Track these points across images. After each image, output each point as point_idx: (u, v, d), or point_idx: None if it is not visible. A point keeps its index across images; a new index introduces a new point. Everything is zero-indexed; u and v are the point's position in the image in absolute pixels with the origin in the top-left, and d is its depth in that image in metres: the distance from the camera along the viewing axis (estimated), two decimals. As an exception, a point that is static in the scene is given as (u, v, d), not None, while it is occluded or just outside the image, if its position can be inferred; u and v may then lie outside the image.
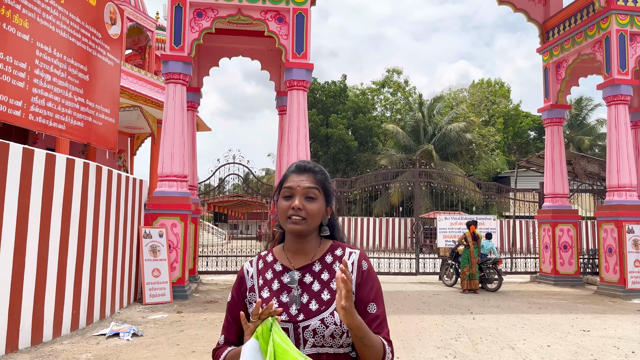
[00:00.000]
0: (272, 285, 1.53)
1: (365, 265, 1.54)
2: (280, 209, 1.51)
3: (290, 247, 1.57)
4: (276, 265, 1.57)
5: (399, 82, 40.66)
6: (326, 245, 1.58)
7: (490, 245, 12.07)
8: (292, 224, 1.49)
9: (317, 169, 1.57)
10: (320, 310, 1.45)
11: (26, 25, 6.05)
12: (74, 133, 6.96)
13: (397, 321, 7.64)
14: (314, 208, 1.50)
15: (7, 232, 5.39)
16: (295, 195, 1.50)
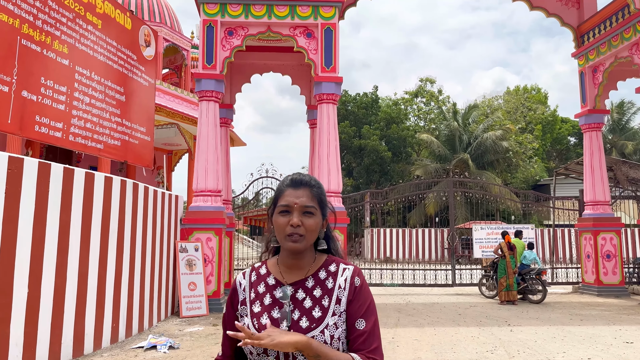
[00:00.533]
0: (264, 300, 1.51)
1: (358, 281, 1.52)
2: (277, 225, 1.48)
3: (284, 262, 1.54)
4: (269, 278, 1.55)
5: (432, 91, 40.35)
6: (320, 260, 1.56)
7: (533, 256, 11.73)
8: (291, 242, 1.46)
9: (313, 182, 1.55)
10: (311, 328, 1.43)
11: (65, 50, 6.34)
12: (112, 152, 7.22)
13: (431, 333, 7.55)
14: (313, 224, 1.48)
15: (50, 248, 5.63)
16: (293, 212, 1.47)
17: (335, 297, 1.49)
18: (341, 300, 1.48)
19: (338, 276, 1.52)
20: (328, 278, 1.52)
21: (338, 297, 1.49)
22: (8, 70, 5.47)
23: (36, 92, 5.86)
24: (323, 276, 1.52)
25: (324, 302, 1.47)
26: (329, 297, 1.49)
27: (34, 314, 5.43)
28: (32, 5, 5.87)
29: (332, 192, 9.80)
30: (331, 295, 1.49)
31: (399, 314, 9.39)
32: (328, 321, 1.45)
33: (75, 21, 6.54)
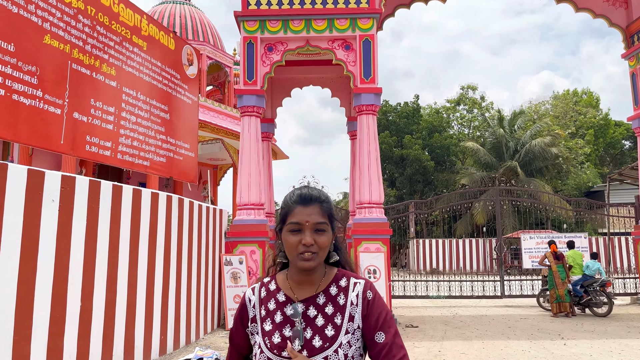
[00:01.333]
0: (275, 317, 1.46)
1: (371, 295, 1.47)
2: (288, 244, 1.43)
3: (294, 278, 1.50)
4: (279, 295, 1.50)
5: (474, 98, 39.63)
6: (331, 275, 1.52)
7: (597, 266, 11.13)
8: (304, 262, 1.42)
9: (322, 197, 1.49)
10: (324, 348, 1.39)
11: (113, 72, 6.62)
12: (157, 168, 7.45)
13: (479, 347, 7.34)
14: (325, 241, 1.44)
15: (100, 262, 5.85)
16: (305, 231, 1.42)
17: (347, 314, 1.45)
18: (354, 317, 1.45)
19: (349, 292, 1.48)
20: (339, 294, 1.48)
21: (351, 314, 1.45)
22: (60, 93, 5.75)
23: (86, 113, 6.13)
24: (334, 292, 1.48)
25: (337, 320, 1.44)
26: (342, 314, 1.45)
27: (87, 326, 5.63)
28: (82, 31, 6.16)
29: (374, 203, 9.74)
30: (343, 313, 1.45)
31: (446, 327, 9.19)
32: (341, 340, 1.41)
33: (122, 44, 6.82)
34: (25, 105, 5.29)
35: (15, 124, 5.15)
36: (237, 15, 10.12)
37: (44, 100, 5.51)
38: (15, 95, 5.17)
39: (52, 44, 5.69)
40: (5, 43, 5.10)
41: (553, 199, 22.96)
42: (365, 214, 9.74)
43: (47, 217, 5.20)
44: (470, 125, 40.07)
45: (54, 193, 5.29)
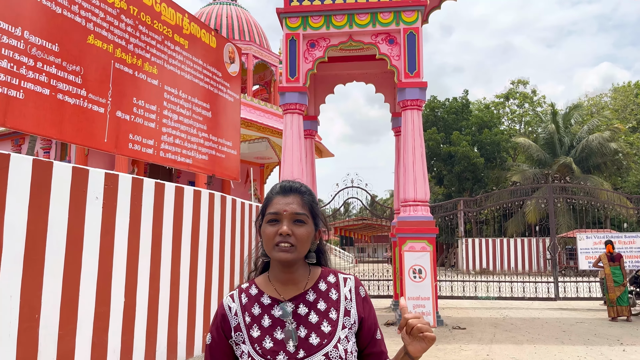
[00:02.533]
0: (263, 322, 1.38)
1: (363, 292, 1.46)
2: (265, 235, 1.37)
3: (278, 277, 1.42)
4: (263, 298, 1.42)
5: (526, 92, 38.21)
6: (316, 273, 1.46)
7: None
8: (280, 252, 1.34)
9: (303, 189, 1.44)
10: (323, 344, 1.33)
11: (155, 71, 6.68)
12: (200, 166, 7.49)
13: (531, 351, 6.98)
14: (304, 233, 1.37)
15: (144, 259, 5.91)
16: (282, 220, 1.36)
17: (342, 309, 1.41)
18: (350, 312, 1.41)
19: (341, 287, 1.44)
20: (330, 289, 1.43)
21: (346, 309, 1.41)
22: (103, 92, 5.84)
23: (129, 112, 6.21)
24: (324, 288, 1.43)
25: (332, 315, 1.39)
26: (336, 309, 1.40)
27: (130, 322, 5.71)
28: (124, 31, 6.24)
29: (419, 200, 9.48)
30: (338, 308, 1.41)
31: (495, 329, 8.82)
32: (339, 335, 1.36)
33: (163, 43, 6.88)
34: (70, 105, 5.40)
35: (60, 122, 5.26)
36: (279, 12, 10.09)
37: (87, 99, 5.61)
38: (60, 95, 5.28)
39: (95, 44, 5.78)
40: (49, 43, 5.22)
41: (612, 196, 21.77)
42: (410, 212, 9.49)
43: (91, 214, 5.28)
44: (521, 121, 38.70)
45: (98, 190, 5.37)
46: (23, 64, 4.88)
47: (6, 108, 4.71)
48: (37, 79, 5.02)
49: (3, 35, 4.73)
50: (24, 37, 4.93)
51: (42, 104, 5.06)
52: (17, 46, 4.85)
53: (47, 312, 4.78)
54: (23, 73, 4.88)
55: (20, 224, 4.57)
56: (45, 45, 5.14)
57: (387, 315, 10.42)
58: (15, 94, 4.80)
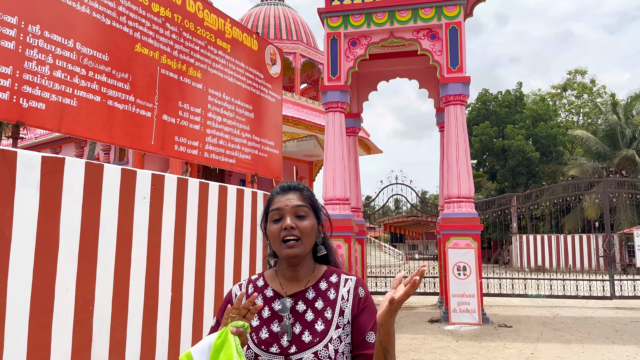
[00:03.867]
0: (262, 313, 1.44)
1: (362, 292, 1.45)
2: (271, 233, 1.43)
3: (283, 273, 1.48)
4: (267, 290, 1.47)
5: (584, 82, 36.55)
6: (320, 271, 1.49)
7: None
8: (287, 248, 1.40)
9: (302, 186, 1.51)
10: (314, 343, 1.36)
11: (199, 75, 6.98)
12: (243, 165, 7.75)
13: (578, 350, 6.81)
14: (307, 225, 1.42)
15: (189, 255, 6.20)
16: (285, 215, 1.42)
17: (338, 308, 1.42)
18: (344, 312, 1.41)
19: (340, 287, 1.45)
20: (329, 289, 1.45)
21: (341, 308, 1.42)
22: (150, 97, 6.17)
23: (174, 115, 6.52)
24: (324, 287, 1.46)
25: (327, 315, 1.40)
26: (332, 309, 1.41)
27: (177, 315, 6.01)
28: (169, 38, 6.56)
29: (463, 197, 9.38)
30: (334, 307, 1.42)
31: (543, 328, 8.62)
32: (332, 335, 1.38)
33: (207, 48, 7.16)
34: (119, 110, 5.74)
35: (111, 127, 5.61)
36: (320, 12, 10.22)
37: (135, 105, 5.94)
38: (110, 101, 5.63)
39: (142, 52, 6.11)
40: (100, 53, 5.57)
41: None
42: (454, 209, 9.41)
43: (139, 212, 5.60)
44: (579, 112, 37.09)
45: (145, 190, 5.69)
46: (76, 74, 5.25)
47: (61, 115, 5.09)
48: (89, 87, 5.38)
49: (57, 47, 5.10)
50: (76, 48, 5.29)
51: (94, 110, 5.42)
52: (70, 57, 5.22)
53: (100, 305, 5.13)
54: (76, 82, 5.25)
55: (74, 222, 4.92)
56: (96, 55, 5.50)
57: (432, 312, 10.38)
58: (69, 102, 5.17)
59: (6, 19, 4.66)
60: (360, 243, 11.33)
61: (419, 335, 8.07)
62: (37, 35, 4.90)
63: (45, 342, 4.60)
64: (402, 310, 10.99)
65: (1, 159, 4.35)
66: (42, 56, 4.93)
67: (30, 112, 4.82)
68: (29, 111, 4.81)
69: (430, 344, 7.40)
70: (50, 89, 4.98)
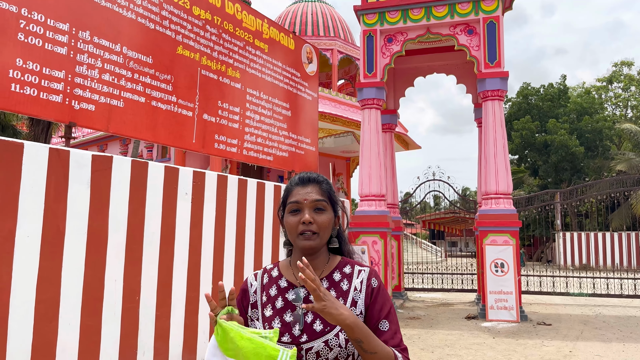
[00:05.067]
0: (276, 303, 1.45)
1: (375, 283, 1.46)
2: (288, 225, 1.45)
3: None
4: (281, 281, 1.49)
5: (631, 74, 35.12)
6: (334, 262, 1.50)
7: None
8: (304, 241, 1.41)
9: (321, 178, 1.50)
10: (325, 332, 1.37)
11: (237, 75, 7.20)
12: (280, 162, 7.93)
13: (618, 349, 6.69)
14: (325, 220, 1.43)
15: (229, 249, 6.44)
16: (304, 209, 1.42)
17: (350, 299, 1.43)
18: (357, 303, 1.43)
19: (353, 278, 1.47)
20: (343, 280, 1.46)
21: (354, 299, 1.43)
22: (191, 98, 6.42)
23: (214, 114, 6.75)
24: (337, 278, 1.47)
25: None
26: (344, 299, 1.43)
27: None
28: (209, 40, 6.79)
29: (501, 193, 9.29)
30: (346, 298, 1.43)
31: (584, 327, 8.47)
32: None
33: (245, 49, 7.37)
34: (162, 110, 6.01)
35: (154, 127, 5.89)
36: (356, 10, 10.29)
37: (177, 105, 6.20)
38: (153, 102, 5.91)
39: (184, 54, 6.36)
40: (144, 56, 5.85)
41: None
42: (492, 205, 9.34)
43: (182, 208, 5.87)
44: (627, 105, 35.69)
45: (187, 187, 5.95)
46: (122, 77, 5.54)
47: (109, 116, 5.38)
48: (135, 89, 5.66)
49: (105, 51, 5.40)
50: (123, 52, 5.58)
51: (139, 111, 5.70)
52: (118, 61, 5.51)
53: (145, 295, 5.41)
54: (123, 84, 5.53)
55: (122, 217, 5.21)
56: (141, 58, 5.78)
57: (469, 310, 10.34)
58: (116, 103, 5.46)
59: (59, 26, 4.97)
60: (396, 239, 11.37)
61: (455, 332, 8.08)
62: (87, 41, 5.20)
63: (95, 328, 4.91)
64: (438, 307, 10.99)
65: (55, 157, 4.66)
66: (92, 60, 5.23)
67: (81, 113, 5.13)
68: (80, 113, 5.12)
69: (466, 340, 7.41)
70: (99, 91, 5.28)
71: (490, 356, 6.38)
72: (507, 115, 33.49)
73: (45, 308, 4.53)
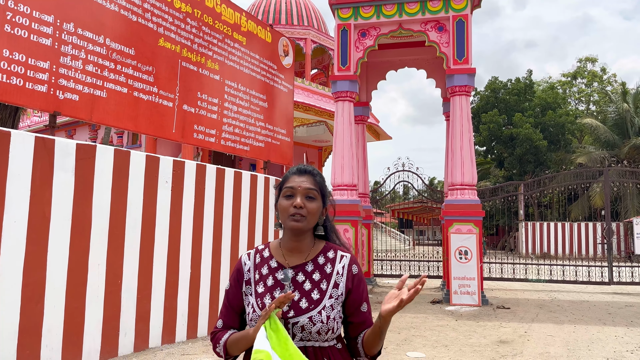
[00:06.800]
0: (267, 281, 1.63)
1: (356, 269, 1.66)
2: (281, 207, 1.63)
3: (286, 245, 1.67)
4: (272, 261, 1.67)
5: (594, 71, 36.44)
6: (319, 246, 1.69)
7: None
8: (293, 221, 1.59)
9: (315, 172, 1.69)
10: (309, 309, 1.57)
11: (216, 67, 7.39)
12: (256, 152, 8.18)
13: (569, 330, 7.24)
14: (314, 207, 1.62)
15: (207, 236, 6.69)
16: (297, 195, 1.61)
17: (333, 281, 1.63)
18: (339, 285, 1.63)
19: (336, 263, 1.66)
20: (326, 264, 1.66)
21: (336, 282, 1.63)
22: (172, 88, 6.61)
23: (194, 105, 6.95)
24: (322, 261, 1.66)
25: (322, 286, 1.62)
26: (327, 281, 1.63)
27: (196, 290, 6.52)
28: (189, 32, 6.97)
29: (466, 184, 9.77)
30: (329, 280, 1.63)
31: (539, 310, 9.06)
32: (325, 303, 1.59)
33: (224, 41, 7.56)
34: (144, 101, 6.19)
35: (136, 117, 6.06)
36: (331, 4, 10.54)
37: (158, 95, 6.38)
38: (135, 93, 6.08)
39: (165, 46, 6.53)
40: (127, 48, 6.00)
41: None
42: (457, 196, 9.81)
43: (162, 196, 6.09)
44: (589, 101, 37.05)
45: (168, 175, 6.17)
46: (105, 67, 5.69)
47: (92, 106, 5.54)
48: (117, 80, 5.82)
49: (89, 43, 5.54)
50: (106, 43, 5.73)
51: (121, 101, 5.87)
52: (101, 52, 5.66)
53: (127, 279, 5.64)
54: (105, 75, 5.69)
55: (105, 203, 5.41)
56: (123, 50, 5.93)
57: (435, 294, 10.84)
58: (99, 94, 5.62)
59: (44, 17, 5.11)
60: (367, 227, 11.79)
61: (421, 315, 8.55)
62: (71, 32, 5.34)
63: (79, 310, 5.14)
64: (406, 292, 11.45)
65: (41, 146, 4.84)
66: (76, 51, 5.39)
67: (65, 103, 5.29)
68: (64, 102, 5.28)
69: (431, 323, 7.87)
70: (83, 81, 5.44)
71: (452, 337, 6.84)
72: (476, 108, 34.35)
73: (32, 291, 4.73)
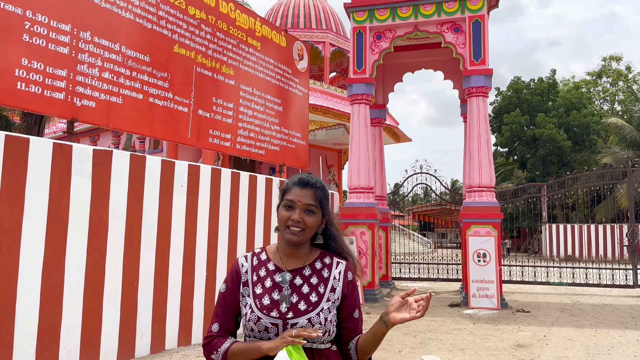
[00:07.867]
0: (265, 283, 1.66)
1: (350, 276, 1.72)
2: (280, 217, 1.67)
3: (284, 250, 1.71)
4: (269, 264, 1.70)
5: (619, 69, 35.65)
6: (316, 253, 1.74)
7: None
8: (290, 235, 1.63)
9: (318, 184, 1.69)
10: (308, 311, 1.62)
11: (231, 72, 7.48)
12: (272, 156, 8.23)
13: (590, 334, 7.10)
14: (312, 221, 1.65)
15: (222, 239, 6.77)
16: (296, 208, 1.63)
17: (330, 285, 1.69)
18: (335, 290, 1.69)
19: (333, 268, 1.72)
20: (323, 269, 1.71)
21: (333, 286, 1.69)
22: (187, 94, 6.71)
23: (209, 110, 7.04)
24: (319, 266, 1.71)
25: (320, 289, 1.67)
26: (325, 285, 1.68)
27: (211, 292, 6.59)
28: (204, 38, 7.06)
29: (484, 186, 9.67)
30: (326, 284, 1.69)
31: (560, 314, 8.90)
32: (323, 305, 1.65)
33: (238, 46, 7.65)
34: (159, 106, 6.29)
35: (152, 122, 6.17)
36: (346, 7, 10.56)
37: (174, 101, 6.48)
38: (151, 98, 6.19)
39: (180, 52, 6.64)
40: (142, 55, 6.12)
41: None
42: (475, 198, 9.71)
43: (177, 200, 6.18)
44: (614, 100, 36.26)
45: (183, 180, 6.26)
46: (121, 74, 5.81)
47: (109, 112, 5.67)
48: (133, 86, 5.94)
49: (105, 50, 5.67)
50: (122, 51, 5.85)
51: (137, 107, 5.99)
52: (117, 59, 5.78)
53: (143, 281, 5.74)
54: (121, 82, 5.81)
55: (121, 207, 5.52)
56: (139, 57, 6.05)
57: (453, 298, 10.74)
58: (115, 100, 5.74)
59: (61, 26, 5.25)
60: (384, 230, 11.75)
61: (438, 318, 8.48)
62: (87, 41, 5.48)
63: (97, 312, 5.25)
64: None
65: (59, 151, 4.96)
66: (92, 59, 5.52)
67: (82, 109, 5.42)
68: (81, 109, 5.41)
69: (448, 326, 7.80)
70: (100, 88, 5.57)
71: (469, 340, 6.77)
72: (498, 109, 33.94)
73: (50, 293, 4.85)
